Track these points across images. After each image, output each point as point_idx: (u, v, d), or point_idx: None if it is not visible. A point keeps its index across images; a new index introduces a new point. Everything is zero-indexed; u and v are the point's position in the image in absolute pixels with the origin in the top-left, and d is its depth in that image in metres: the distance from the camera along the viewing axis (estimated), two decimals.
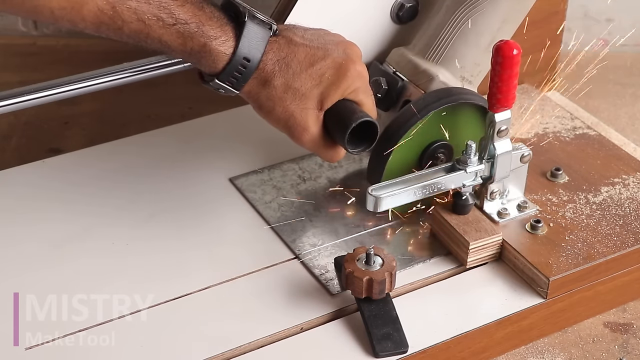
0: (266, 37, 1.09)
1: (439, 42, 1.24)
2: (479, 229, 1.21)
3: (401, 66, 1.26)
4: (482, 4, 1.22)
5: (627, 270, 1.23)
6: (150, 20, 1.02)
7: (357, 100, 1.14)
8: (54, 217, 1.28)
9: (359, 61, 1.14)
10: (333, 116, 1.12)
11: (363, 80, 1.14)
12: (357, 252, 1.16)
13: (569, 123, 1.44)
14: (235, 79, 1.08)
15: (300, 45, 1.11)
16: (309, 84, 1.11)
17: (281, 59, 1.10)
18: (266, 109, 1.12)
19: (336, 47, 1.13)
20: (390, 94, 1.26)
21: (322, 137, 1.13)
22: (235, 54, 1.07)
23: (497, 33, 1.23)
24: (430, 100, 1.20)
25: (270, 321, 1.14)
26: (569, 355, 1.18)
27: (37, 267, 1.21)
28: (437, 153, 1.24)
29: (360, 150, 1.14)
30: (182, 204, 1.31)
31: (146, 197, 1.32)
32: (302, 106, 1.11)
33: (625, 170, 1.34)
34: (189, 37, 1.04)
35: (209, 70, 1.08)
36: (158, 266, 1.22)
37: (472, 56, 1.24)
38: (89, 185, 1.34)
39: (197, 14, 1.05)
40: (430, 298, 1.19)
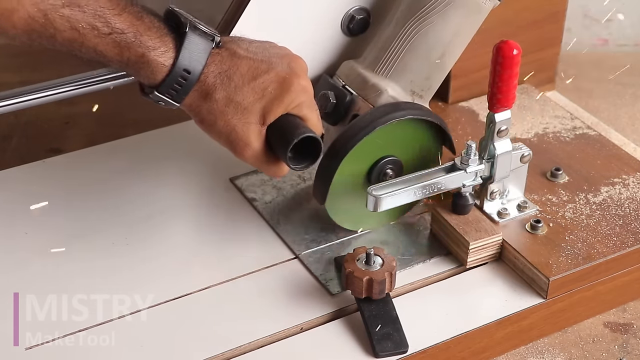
0: (208, 49, 1.06)
1: (389, 55, 1.20)
2: (479, 229, 1.21)
3: (350, 80, 1.22)
4: (432, 17, 1.18)
5: (627, 270, 1.23)
6: (85, 29, 0.99)
7: (301, 115, 1.11)
8: (54, 217, 1.28)
9: (303, 75, 1.11)
10: (276, 131, 1.10)
11: (307, 95, 1.11)
12: (357, 252, 1.16)
13: (569, 123, 1.44)
14: (175, 91, 1.05)
15: (243, 58, 1.08)
16: (251, 97, 1.08)
17: (223, 71, 1.07)
18: (207, 123, 1.09)
19: (280, 61, 1.10)
20: (339, 108, 1.22)
21: (264, 153, 1.11)
22: (175, 66, 1.04)
23: (448, 47, 1.20)
24: (377, 115, 1.17)
25: (270, 321, 1.14)
26: (569, 355, 1.18)
27: (37, 267, 1.21)
28: (386, 169, 1.21)
29: (304, 167, 1.11)
30: (182, 204, 1.31)
31: (146, 197, 1.32)
32: (244, 120, 1.08)
33: (625, 170, 1.34)
34: (125, 47, 1.01)
35: (147, 82, 1.06)
36: (158, 266, 1.22)
37: (423, 70, 1.21)
38: (89, 185, 1.34)
39: (135, 23, 1.02)
40: (430, 298, 1.19)
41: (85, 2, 0.98)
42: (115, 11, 1.00)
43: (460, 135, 1.40)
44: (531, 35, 1.45)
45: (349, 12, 1.23)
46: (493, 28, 1.37)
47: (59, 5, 0.97)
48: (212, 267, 1.21)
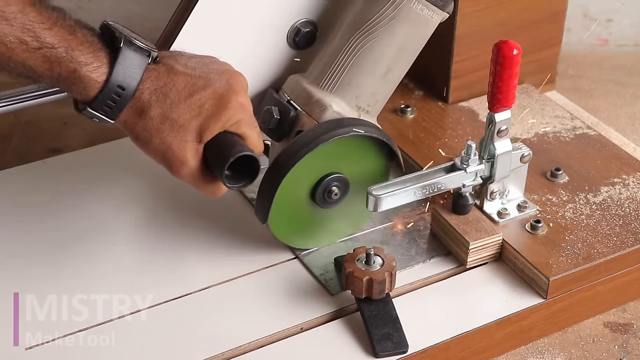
0: (143, 65, 1.03)
1: (334, 70, 1.17)
2: (479, 229, 1.21)
3: (295, 94, 1.19)
4: (378, 32, 1.15)
5: (627, 270, 1.23)
6: (13, 43, 0.96)
7: (239, 132, 1.08)
8: (54, 217, 1.28)
9: (242, 92, 1.09)
10: (212, 149, 1.07)
11: (245, 112, 1.08)
12: (357, 252, 1.16)
13: (569, 123, 1.44)
14: (109, 107, 1.03)
15: (180, 73, 1.06)
16: (187, 114, 1.05)
17: (159, 88, 1.04)
18: (143, 140, 1.06)
19: (219, 77, 1.08)
20: (283, 124, 1.19)
21: (201, 172, 1.08)
22: (108, 82, 1.01)
23: (394, 61, 1.17)
24: (319, 132, 1.14)
25: (270, 321, 1.14)
26: (569, 355, 1.18)
27: (37, 267, 1.21)
28: (331, 186, 1.18)
29: (241, 186, 1.09)
30: (182, 204, 1.31)
31: (146, 197, 1.32)
32: (180, 138, 1.05)
33: (625, 170, 1.34)
34: (56, 62, 0.98)
35: (80, 98, 1.03)
36: (158, 266, 1.22)
37: (368, 85, 1.18)
38: (89, 185, 1.34)
39: (67, 37, 0.99)
40: (430, 298, 1.19)
41: (13, 15, 0.95)
42: (45, 25, 0.98)
43: (460, 135, 1.40)
44: (531, 35, 1.45)
45: (295, 25, 1.20)
46: (493, 28, 1.38)
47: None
48: (212, 267, 1.21)
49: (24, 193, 1.33)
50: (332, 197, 1.19)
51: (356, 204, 1.21)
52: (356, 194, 1.20)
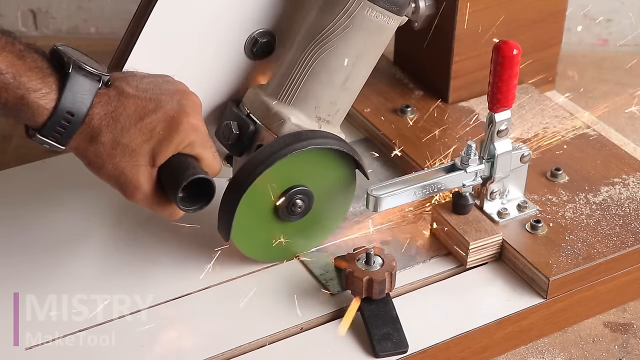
0: (93, 90, 1.02)
1: (291, 81, 1.15)
2: (479, 229, 1.21)
3: (254, 107, 1.17)
4: (332, 41, 1.13)
5: (627, 270, 1.23)
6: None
7: (193, 154, 1.07)
8: (54, 217, 1.28)
9: (193, 113, 1.07)
10: (166, 173, 1.06)
11: (198, 134, 1.07)
12: (357, 252, 1.16)
13: (569, 123, 1.44)
14: (59, 134, 1.01)
15: (131, 97, 1.04)
16: (139, 139, 1.04)
17: (109, 112, 1.03)
18: (95, 166, 1.06)
19: (170, 98, 1.06)
20: (242, 138, 1.17)
21: (156, 195, 1.07)
22: (57, 108, 1.00)
23: (352, 70, 1.15)
24: (277, 147, 1.13)
25: (270, 321, 1.14)
26: (569, 355, 1.18)
27: (37, 267, 1.21)
28: (295, 199, 1.16)
29: (197, 209, 1.08)
30: None
31: None
32: (133, 163, 1.05)
33: (625, 170, 1.34)
34: (3, 88, 0.97)
35: (29, 124, 1.02)
36: (158, 266, 1.22)
37: (327, 95, 1.16)
38: (89, 185, 1.33)
39: (16, 63, 0.98)
40: (430, 298, 1.19)
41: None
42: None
43: (460, 135, 1.40)
44: (531, 35, 1.45)
45: (252, 35, 1.18)
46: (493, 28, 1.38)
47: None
48: (212, 267, 1.21)
49: (24, 193, 1.33)
50: (296, 209, 1.17)
51: (322, 215, 1.20)
52: (322, 205, 1.19)
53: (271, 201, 1.16)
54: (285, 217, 1.18)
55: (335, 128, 1.19)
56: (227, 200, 1.14)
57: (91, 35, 1.76)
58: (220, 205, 1.15)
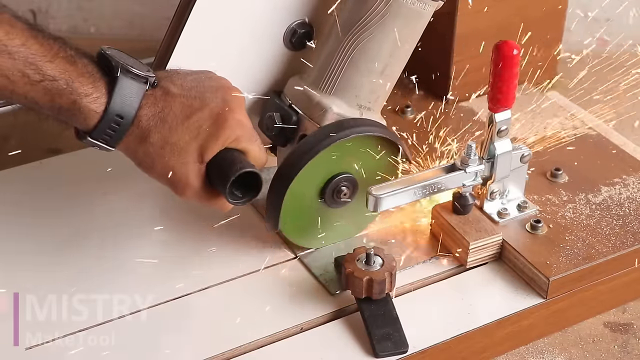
0: (141, 92, 1.04)
1: (331, 71, 1.17)
2: (479, 229, 1.21)
3: (296, 98, 1.19)
4: (371, 29, 1.14)
5: (627, 270, 1.23)
6: (15, 77, 0.97)
7: (240, 148, 1.09)
8: (54, 217, 1.28)
9: (238, 109, 1.09)
10: (214, 168, 1.08)
11: (243, 129, 1.09)
12: (357, 252, 1.16)
13: (569, 123, 1.44)
14: (109, 136, 1.04)
15: (177, 96, 1.07)
16: (186, 137, 1.06)
17: (156, 113, 1.06)
18: (145, 166, 1.08)
19: (214, 95, 1.08)
20: (285, 129, 1.20)
21: (205, 191, 1.10)
22: (106, 112, 1.02)
23: (391, 57, 1.17)
24: (321, 136, 1.15)
25: (270, 321, 1.14)
26: (569, 355, 1.18)
27: (37, 267, 1.21)
28: (340, 186, 1.19)
29: (245, 201, 1.10)
30: (182, 204, 1.30)
31: (146, 198, 1.31)
32: (182, 161, 1.07)
33: (625, 170, 1.34)
34: (57, 94, 1.00)
35: (81, 127, 1.04)
36: (158, 266, 1.22)
37: (367, 83, 1.18)
38: (89, 185, 1.34)
39: (68, 69, 1.00)
40: (430, 298, 1.19)
41: (16, 49, 0.97)
42: (47, 58, 0.99)
43: (460, 135, 1.40)
44: (531, 35, 1.45)
45: (291, 27, 1.20)
46: (493, 28, 1.38)
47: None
48: (212, 267, 1.21)
49: (23, 193, 1.33)
50: (341, 197, 1.20)
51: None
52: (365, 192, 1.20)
53: (317, 189, 1.19)
54: (330, 204, 1.20)
55: (376, 114, 1.22)
56: (275, 191, 1.16)
57: (91, 35, 1.76)
58: (268, 196, 1.17)
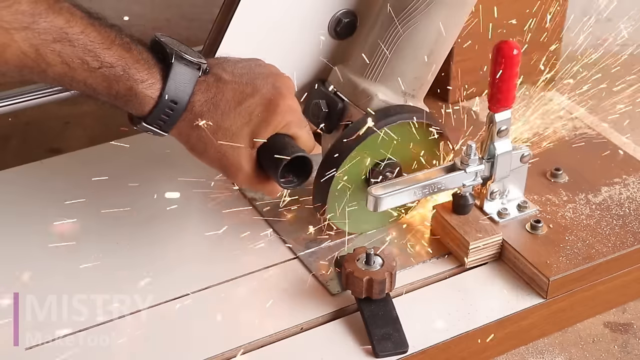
0: (194, 79, 1.07)
1: (376, 59, 1.19)
2: (479, 229, 1.22)
3: (341, 86, 1.22)
4: (416, 18, 1.16)
5: (627, 270, 1.23)
6: (75, 63, 1.00)
7: (290, 133, 1.12)
8: (54, 217, 1.28)
9: (289, 94, 1.12)
10: (266, 153, 1.11)
11: (294, 114, 1.12)
12: (357, 252, 1.16)
13: (569, 123, 1.44)
14: (163, 121, 1.07)
15: (228, 83, 1.09)
16: (238, 122, 1.09)
17: (209, 99, 1.08)
18: (198, 150, 1.11)
19: (265, 82, 1.11)
20: (331, 116, 1.22)
21: (257, 175, 1.12)
22: (161, 98, 1.05)
23: (435, 44, 1.19)
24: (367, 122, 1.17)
25: (270, 321, 1.14)
26: (569, 355, 1.18)
27: (37, 267, 1.21)
28: (385, 172, 1.21)
29: (296, 185, 1.13)
30: (182, 203, 1.31)
31: (146, 197, 1.31)
32: (234, 146, 1.09)
33: (625, 170, 1.34)
34: (114, 80, 1.02)
35: (136, 113, 1.07)
36: (158, 266, 1.22)
37: (411, 71, 1.20)
38: (89, 185, 1.34)
39: (124, 56, 1.02)
40: (430, 298, 1.19)
41: (76, 36, 0.99)
42: (104, 45, 1.01)
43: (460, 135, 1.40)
44: (531, 35, 1.45)
45: (336, 16, 1.22)
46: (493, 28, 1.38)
47: (49, 40, 0.97)
48: (212, 267, 1.21)
49: (24, 193, 1.33)
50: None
51: None
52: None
53: (363, 175, 1.20)
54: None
55: (419, 102, 1.23)
56: (323, 176, 1.18)
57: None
58: (315, 181, 1.19)
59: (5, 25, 0.94)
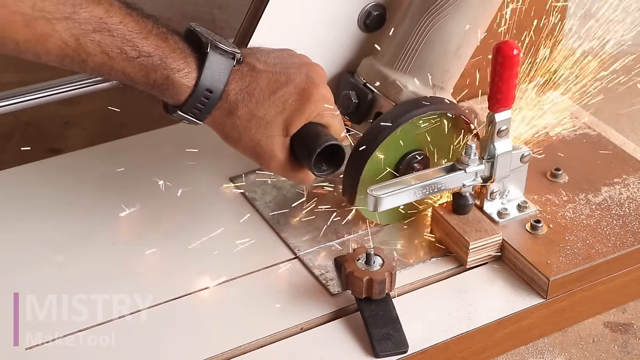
0: (229, 68, 1.08)
1: (406, 51, 1.21)
2: (479, 229, 1.21)
3: (371, 77, 1.24)
4: (447, 10, 1.19)
5: (627, 270, 1.23)
6: (114, 53, 1.01)
7: (323, 122, 1.13)
8: (54, 218, 1.28)
9: (322, 84, 1.13)
10: (299, 141, 1.12)
11: (328, 103, 1.13)
12: (357, 252, 1.16)
13: (569, 123, 1.44)
14: (199, 110, 1.08)
15: (262, 72, 1.10)
16: (272, 111, 1.10)
17: (244, 88, 1.09)
18: (232, 139, 1.12)
19: (298, 71, 1.12)
20: (361, 107, 1.24)
21: (290, 163, 1.13)
22: (197, 86, 1.06)
23: (464, 38, 1.21)
24: (399, 113, 1.19)
25: (270, 321, 1.14)
26: (569, 355, 1.18)
27: (37, 267, 1.21)
28: (413, 162, 1.23)
29: (329, 173, 1.14)
30: (182, 203, 1.31)
31: (146, 197, 1.31)
32: (268, 134, 1.11)
33: (625, 170, 1.34)
34: (151, 69, 1.04)
35: (172, 102, 1.08)
36: (158, 266, 1.22)
37: (441, 63, 1.22)
38: (89, 185, 1.34)
39: (161, 45, 1.04)
40: (430, 298, 1.19)
41: (115, 26, 1.00)
42: (142, 35, 1.02)
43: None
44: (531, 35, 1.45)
45: (366, 9, 1.24)
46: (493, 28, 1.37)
47: (90, 30, 0.99)
48: (212, 267, 1.21)
49: (24, 193, 1.33)
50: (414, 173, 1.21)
51: None
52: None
53: (392, 165, 1.22)
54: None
55: (448, 94, 1.25)
56: (353, 166, 1.19)
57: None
58: (345, 171, 1.20)
59: (48, 16, 0.96)
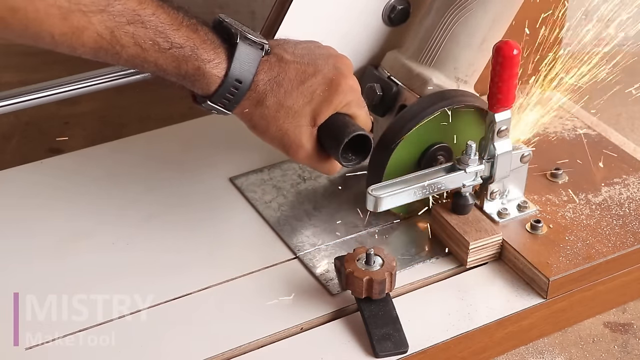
0: (258, 58, 1.09)
1: (431, 44, 1.23)
2: (479, 229, 1.22)
3: (395, 70, 1.26)
4: (472, 4, 1.21)
5: (627, 270, 1.23)
6: (147, 45, 1.02)
7: (350, 113, 1.14)
8: (54, 217, 1.28)
9: (349, 75, 1.14)
10: (326, 131, 1.13)
11: (355, 94, 1.14)
12: (357, 252, 1.16)
13: (569, 123, 1.44)
14: (228, 100, 1.09)
15: (290, 62, 1.11)
16: (300, 101, 1.11)
17: (272, 78, 1.10)
18: (260, 129, 1.12)
19: (326, 62, 1.13)
20: (386, 99, 1.26)
21: (317, 153, 1.14)
22: (227, 77, 1.07)
23: (489, 32, 1.23)
24: (423, 106, 1.20)
25: (270, 321, 1.14)
26: (569, 355, 1.18)
27: (37, 267, 1.21)
28: (437, 155, 1.24)
29: (356, 163, 1.14)
30: (182, 203, 1.31)
31: (146, 197, 1.32)
32: (296, 124, 1.11)
33: (625, 170, 1.34)
34: (183, 60, 1.05)
35: (202, 92, 1.09)
36: (158, 266, 1.22)
37: (465, 57, 1.24)
38: (88, 185, 1.34)
39: (192, 37, 1.05)
40: (430, 298, 1.19)
41: (148, 18, 1.01)
42: (174, 26, 1.03)
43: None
44: (531, 35, 1.45)
45: (390, 3, 1.25)
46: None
47: (123, 22, 0.99)
48: (212, 267, 1.21)
49: (24, 193, 1.33)
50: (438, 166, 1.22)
51: None
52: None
53: (416, 157, 1.23)
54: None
55: (471, 87, 1.26)
56: (377, 157, 1.20)
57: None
58: (370, 162, 1.21)
59: (84, 9, 0.96)
